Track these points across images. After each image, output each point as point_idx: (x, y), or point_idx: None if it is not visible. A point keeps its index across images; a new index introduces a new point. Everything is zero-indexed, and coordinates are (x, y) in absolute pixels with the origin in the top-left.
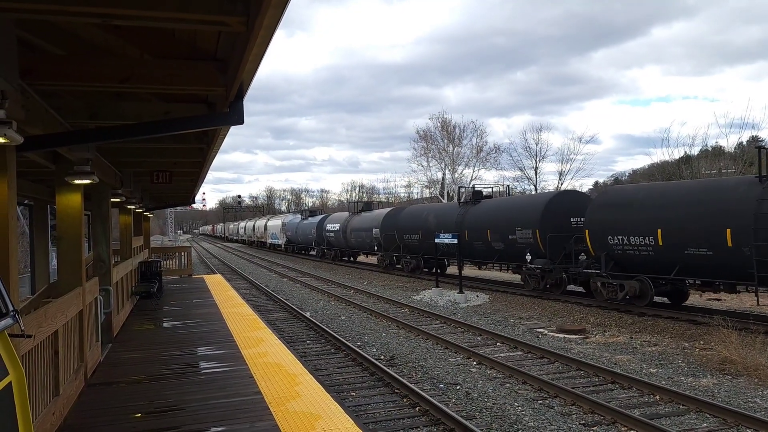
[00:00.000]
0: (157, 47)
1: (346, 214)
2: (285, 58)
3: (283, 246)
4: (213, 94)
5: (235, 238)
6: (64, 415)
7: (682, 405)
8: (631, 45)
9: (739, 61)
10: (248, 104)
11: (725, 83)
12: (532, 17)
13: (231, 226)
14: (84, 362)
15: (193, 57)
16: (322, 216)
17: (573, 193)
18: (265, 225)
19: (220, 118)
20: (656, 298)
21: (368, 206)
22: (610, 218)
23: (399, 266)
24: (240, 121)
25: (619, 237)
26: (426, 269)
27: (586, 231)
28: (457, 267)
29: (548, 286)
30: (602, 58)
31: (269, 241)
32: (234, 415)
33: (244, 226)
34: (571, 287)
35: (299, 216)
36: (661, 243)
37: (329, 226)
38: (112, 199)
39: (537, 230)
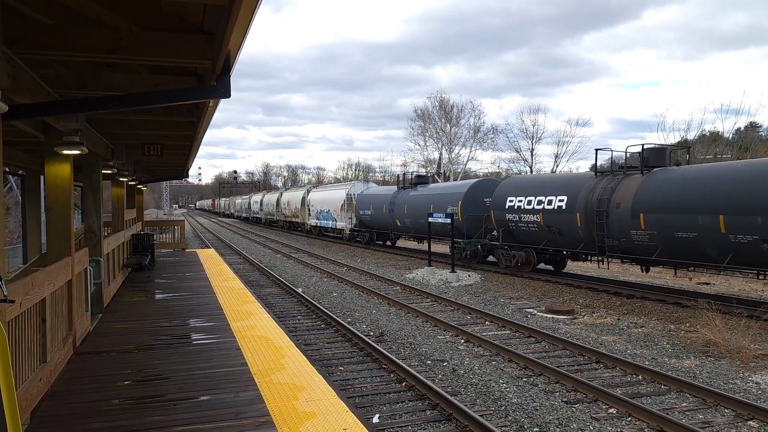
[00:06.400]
0: (145, 19)
1: (573, 175)
2: (275, 35)
3: (347, 232)
4: (201, 68)
5: (243, 215)
6: (51, 381)
7: (664, 385)
8: (622, 28)
9: (729, 46)
10: (239, 79)
11: (715, 69)
12: None
13: (238, 200)
14: (73, 331)
15: (180, 29)
16: (477, 181)
17: None
18: (304, 199)
19: (206, 91)
20: None
21: (659, 154)
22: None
23: None
24: (227, 94)
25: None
26: None
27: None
28: None
29: None
30: (593, 41)
31: (312, 222)
32: (219, 385)
33: (259, 200)
34: None
35: (371, 186)
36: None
37: (519, 202)
38: (103, 171)
39: None
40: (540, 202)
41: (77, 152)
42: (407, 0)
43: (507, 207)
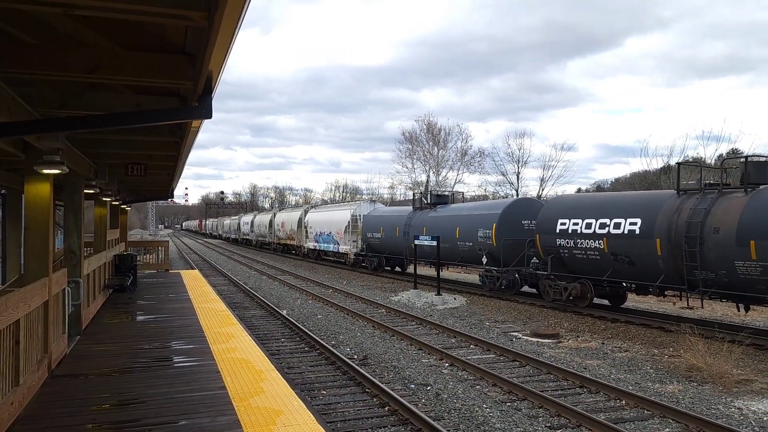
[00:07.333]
0: (126, 39)
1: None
2: (264, 57)
3: (352, 257)
4: (184, 88)
5: (233, 237)
6: (24, 405)
7: (647, 410)
8: (605, 56)
9: (710, 75)
10: (226, 100)
11: (697, 96)
12: (509, 24)
13: (226, 221)
14: (48, 353)
15: (162, 50)
16: (514, 200)
17: None
18: (301, 220)
19: (188, 111)
20: None
21: (762, 169)
22: None
23: None
24: (208, 115)
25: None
26: None
27: None
28: None
29: None
30: (577, 68)
31: (309, 245)
32: (197, 410)
33: (250, 221)
34: None
35: (378, 206)
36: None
37: (575, 226)
38: (86, 191)
39: None
40: (603, 226)
41: (57, 172)
42: (396, 25)
43: (558, 231)
